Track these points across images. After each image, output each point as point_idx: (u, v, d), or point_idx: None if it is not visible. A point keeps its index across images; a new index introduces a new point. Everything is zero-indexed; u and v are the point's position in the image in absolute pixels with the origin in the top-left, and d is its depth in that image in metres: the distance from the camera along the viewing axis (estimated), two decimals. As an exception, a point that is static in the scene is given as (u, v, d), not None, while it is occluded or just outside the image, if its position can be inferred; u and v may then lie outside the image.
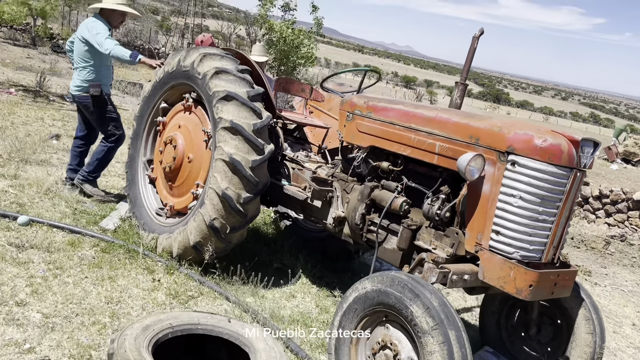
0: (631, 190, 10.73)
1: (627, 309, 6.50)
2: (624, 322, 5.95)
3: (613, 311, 6.23)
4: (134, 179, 4.92)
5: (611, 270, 8.28)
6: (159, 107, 4.79)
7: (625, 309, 6.46)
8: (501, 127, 3.15)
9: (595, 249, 9.21)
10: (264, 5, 13.53)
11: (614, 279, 7.81)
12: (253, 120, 4.00)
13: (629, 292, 7.29)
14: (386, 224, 3.78)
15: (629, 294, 7.20)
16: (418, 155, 3.59)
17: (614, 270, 8.37)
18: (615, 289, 7.29)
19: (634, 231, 10.47)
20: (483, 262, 3.12)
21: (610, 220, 10.73)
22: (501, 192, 3.07)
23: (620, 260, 9.03)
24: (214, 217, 3.97)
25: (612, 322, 5.83)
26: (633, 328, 5.85)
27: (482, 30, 4.11)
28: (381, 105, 3.92)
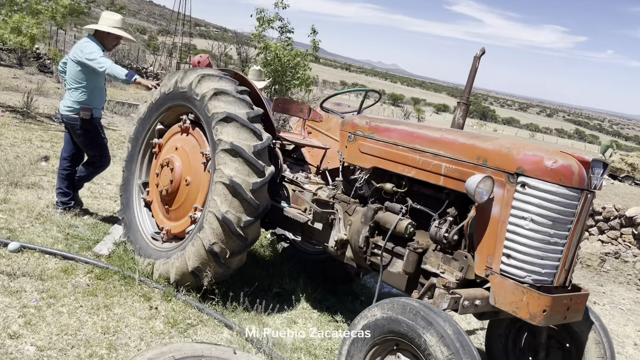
0: (623, 207, 10.77)
1: (628, 328, 6.45)
2: (625, 342, 5.89)
3: (614, 331, 6.17)
4: (129, 202, 4.79)
5: (608, 289, 8.24)
6: (154, 128, 4.70)
7: (626, 329, 6.40)
8: (510, 148, 3.10)
9: (591, 266, 9.19)
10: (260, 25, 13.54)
11: (611, 297, 7.77)
12: (253, 141, 3.91)
13: (627, 311, 7.24)
14: (391, 247, 3.70)
15: (627, 313, 7.15)
16: (423, 177, 3.53)
17: (611, 288, 8.34)
18: (614, 308, 7.25)
19: (628, 248, 10.48)
20: (494, 286, 3.04)
21: (604, 237, 10.74)
22: (511, 214, 3.01)
23: (616, 277, 9.01)
24: (214, 242, 3.86)
25: (614, 342, 5.76)
26: (635, 348, 5.79)
27: (483, 50, 4.08)
28: (384, 126, 3.86)
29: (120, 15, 5.37)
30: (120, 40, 5.45)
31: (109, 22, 5.23)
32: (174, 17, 39.76)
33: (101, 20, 5.27)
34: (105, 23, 5.22)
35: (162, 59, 37.39)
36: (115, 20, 5.26)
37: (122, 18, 5.33)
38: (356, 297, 5.07)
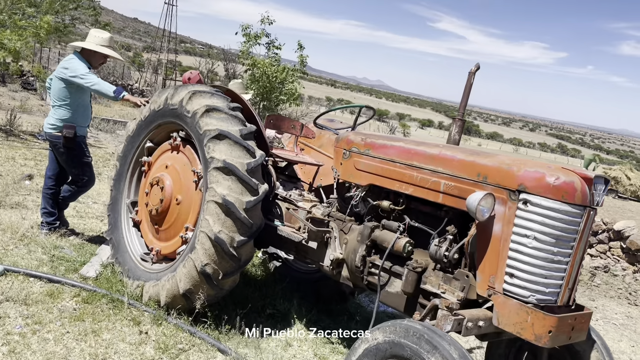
0: (611, 221, 10.81)
1: (622, 343, 6.41)
2: (621, 358, 5.84)
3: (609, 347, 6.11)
4: (117, 222, 4.66)
5: (600, 303, 8.22)
6: (144, 146, 4.59)
7: (620, 344, 6.36)
8: (510, 165, 3.05)
9: (582, 280, 9.18)
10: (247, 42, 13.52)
11: (603, 312, 7.74)
12: (246, 159, 3.83)
13: (620, 326, 7.21)
14: (389, 266, 3.61)
15: (621, 328, 7.12)
16: (421, 194, 3.46)
17: (602, 302, 8.32)
18: (607, 323, 7.22)
19: (617, 261, 10.50)
20: (497, 306, 2.97)
21: (593, 251, 10.76)
22: (514, 232, 2.94)
23: (607, 292, 9.01)
24: (206, 263, 3.74)
25: (610, 358, 5.70)
26: (631, 364, 5.74)
27: (477, 66, 4.06)
28: (380, 142, 3.80)
29: (109, 33, 5.27)
30: (107, 59, 5.34)
31: (96, 40, 5.13)
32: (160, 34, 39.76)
33: (89, 37, 5.17)
34: (93, 41, 5.12)
35: (147, 76, 37.26)
36: (103, 38, 5.16)
37: (110, 37, 5.23)
38: (351, 317, 4.96)
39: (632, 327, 7.30)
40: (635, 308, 8.57)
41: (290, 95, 13.31)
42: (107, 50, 5.14)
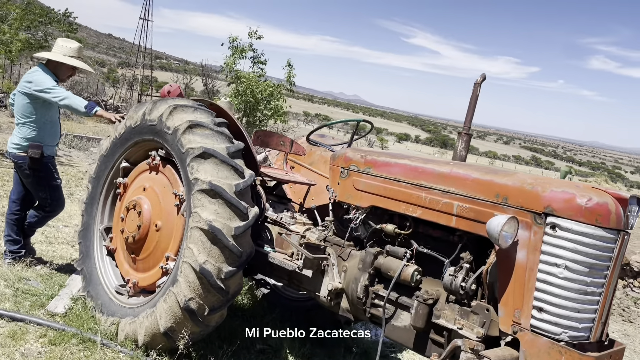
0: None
1: (626, 365, 6.13)
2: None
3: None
4: (89, 250, 4.21)
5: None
6: (119, 166, 4.16)
7: (625, 366, 6.08)
8: (534, 184, 2.73)
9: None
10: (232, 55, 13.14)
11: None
12: (235, 180, 3.44)
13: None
14: (394, 297, 3.26)
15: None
16: (431, 217, 3.12)
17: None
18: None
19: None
20: (525, 345, 2.62)
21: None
22: (541, 260, 2.62)
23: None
24: (190, 297, 3.33)
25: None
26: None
27: (483, 76, 3.77)
28: (382, 160, 3.46)
29: (78, 43, 4.83)
30: (75, 71, 4.91)
31: (63, 50, 4.68)
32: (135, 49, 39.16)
33: (55, 47, 4.72)
34: (59, 51, 4.67)
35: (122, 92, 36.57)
36: (70, 48, 4.71)
37: (79, 46, 4.79)
38: (349, 349, 4.58)
39: (631, 347, 7.07)
40: (630, 325, 8.36)
41: (275, 111, 12.96)
42: (75, 61, 4.70)
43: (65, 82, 5.00)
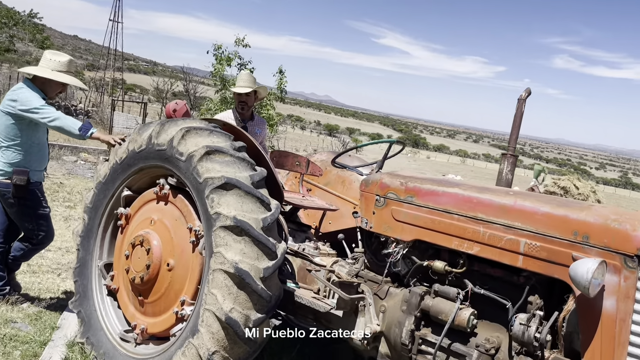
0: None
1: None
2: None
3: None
4: (87, 291, 3.72)
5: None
6: (120, 195, 3.69)
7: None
8: (620, 221, 2.40)
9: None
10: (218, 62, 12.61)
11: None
12: (261, 214, 3.02)
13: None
14: (447, 343, 2.89)
15: None
16: (491, 255, 2.77)
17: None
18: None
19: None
20: (618, 407, 2.29)
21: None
22: (635, 310, 2.29)
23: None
24: (214, 351, 2.90)
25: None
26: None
27: (529, 91, 3.46)
28: (427, 188, 3.09)
29: (67, 56, 4.31)
30: (66, 87, 4.39)
31: (51, 64, 4.15)
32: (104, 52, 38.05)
33: (43, 61, 4.18)
34: (47, 65, 4.14)
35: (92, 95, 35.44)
36: (59, 62, 4.18)
37: (70, 60, 4.26)
38: (374, 388, 4.18)
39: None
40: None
41: (268, 120, 12.47)
42: (65, 77, 4.18)
43: (54, 99, 4.46)
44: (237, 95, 4.96)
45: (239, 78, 5.07)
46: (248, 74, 5.12)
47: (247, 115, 4.99)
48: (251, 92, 4.92)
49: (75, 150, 15.39)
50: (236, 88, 4.95)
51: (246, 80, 4.97)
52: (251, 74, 5.08)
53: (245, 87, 4.90)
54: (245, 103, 4.92)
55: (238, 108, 4.98)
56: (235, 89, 4.94)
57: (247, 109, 4.97)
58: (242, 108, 4.95)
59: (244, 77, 5.02)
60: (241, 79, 5.03)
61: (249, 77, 5.02)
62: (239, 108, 4.98)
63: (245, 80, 4.98)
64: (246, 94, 4.90)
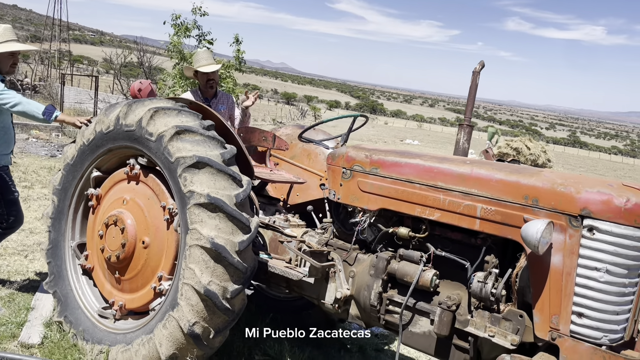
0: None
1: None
2: None
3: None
4: (61, 271, 3.77)
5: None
6: (89, 176, 3.72)
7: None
8: (566, 185, 2.64)
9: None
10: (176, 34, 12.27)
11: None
12: (234, 190, 3.14)
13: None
14: (412, 303, 3.12)
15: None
16: (451, 220, 2.99)
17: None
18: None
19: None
20: (565, 351, 2.56)
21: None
22: (579, 264, 2.55)
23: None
24: (194, 322, 3.05)
25: None
26: None
27: (482, 64, 3.65)
28: (390, 160, 3.27)
29: (3, 24, 4.13)
30: (17, 57, 4.26)
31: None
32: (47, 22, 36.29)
33: None
34: None
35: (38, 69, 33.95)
36: (1, 34, 4.03)
37: (7, 27, 4.09)
38: (345, 347, 4.45)
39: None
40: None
41: (229, 92, 12.32)
42: (12, 45, 4.02)
43: (13, 73, 4.31)
44: (203, 75, 4.85)
45: (200, 57, 4.94)
46: (206, 51, 5.06)
47: (211, 92, 4.94)
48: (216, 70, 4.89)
49: (26, 127, 14.89)
50: (203, 68, 4.82)
51: (208, 58, 4.92)
52: (209, 50, 5.01)
53: (212, 65, 4.85)
54: (213, 80, 4.86)
55: (207, 88, 4.89)
56: (203, 68, 4.82)
57: (215, 86, 4.96)
58: (212, 87, 4.87)
59: (205, 56, 4.96)
60: (202, 57, 4.93)
61: (209, 54, 4.99)
62: (207, 87, 4.88)
63: (207, 58, 4.92)
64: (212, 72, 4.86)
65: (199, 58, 4.92)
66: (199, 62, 4.86)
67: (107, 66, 42.94)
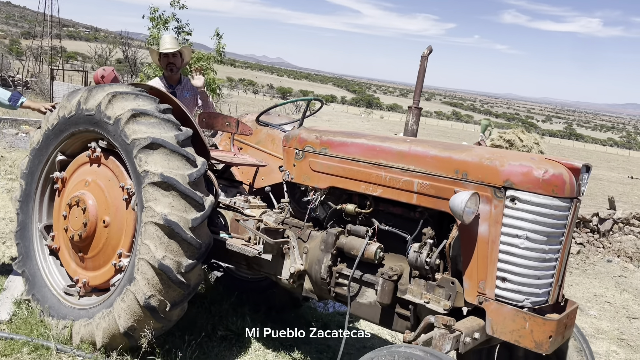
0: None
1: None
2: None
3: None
4: (29, 251, 3.94)
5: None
6: (54, 160, 3.88)
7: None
8: (492, 159, 2.80)
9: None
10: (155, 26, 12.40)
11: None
12: (187, 170, 3.30)
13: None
14: (359, 275, 3.29)
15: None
16: (391, 195, 3.15)
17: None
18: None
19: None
20: (490, 314, 2.74)
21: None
22: (503, 232, 2.72)
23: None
24: (150, 295, 3.21)
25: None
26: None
27: (430, 49, 3.79)
28: (338, 140, 3.43)
29: None
30: None
31: None
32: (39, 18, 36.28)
33: None
34: None
35: (29, 65, 34.00)
36: None
37: None
38: (308, 324, 4.61)
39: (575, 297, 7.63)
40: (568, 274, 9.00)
41: (207, 85, 12.46)
42: None
43: None
44: (164, 57, 4.93)
45: (163, 41, 5.05)
46: (171, 36, 5.18)
47: (175, 78, 5.02)
48: (177, 52, 4.94)
49: (15, 123, 15.00)
50: (161, 49, 4.93)
51: (170, 42, 5.01)
52: (174, 36, 5.13)
53: (171, 48, 4.94)
54: (174, 64, 4.94)
55: (167, 71, 4.97)
56: (161, 49, 4.92)
57: (176, 71, 4.99)
58: (171, 70, 4.93)
59: (168, 39, 5.06)
60: (165, 41, 5.03)
61: (172, 38, 5.09)
62: (167, 70, 4.96)
63: (169, 42, 5.01)
64: (172, 54, 4.90)
65: (163, 42, 5.02)
66: (162, 46, 4.97)
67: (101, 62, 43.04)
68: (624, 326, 6.44)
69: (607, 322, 6.48)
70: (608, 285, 8.27)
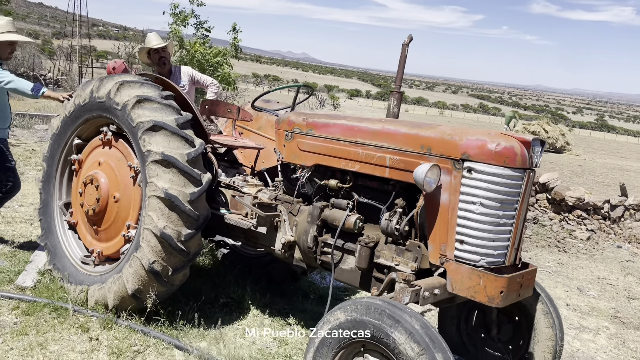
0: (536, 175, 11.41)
1: (557, 290, 6.83)
2: (558, 304, 6.22)
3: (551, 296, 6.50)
4: (50, 226, 4.39)
5: (533, 253, 8.71)
6: (72, 144, 4.32)
7: (556, 290, 6.78)
8: (452, 135, 3.10)
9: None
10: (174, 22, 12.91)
11: (537, 262, 8.21)
12: (186, 149, 3.69)
13: (554, 273, 7.68)
14: (341, 243, 3.63)
15: (554, 275, 7.59)
16: (368, 170, 3.48)
17: (535, 252, 8.81)
18: (542, 271, 7.66)
19: (544, 212, 11.14)
20: (450, 273, 3.05)
21: (523, 205, 11.31)
22: (461, 200, 3.02)
23: (538, 242, 9.55)
24: (154, 260, 3.61)
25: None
26: (568, 308, 6.14)
27: (410, 37, 4.09)
28: (322, 122, 3.77)
29: (6, 17, 4.79)
30: (15, 46, 4.90)
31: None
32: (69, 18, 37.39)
33: None
34: None
35: (60, 64, 35.10)
36: (1, 25, 4.68)
37: (10, 20, 4.74)
38: (306, 296, 4.97)
39: (564, 273, 7.81)
40: (565, 254, 9.16)
41: (223, 78, 12.92)
42: (11, 35, 4.68)
43: (10, 60, 4.95)
44: (154, 53, 5.45)
45: (149, 39, 5.56)
46: (154, 33, 5.76)
47: (166, 72, 5.50)
48: (165, 46, 5.49)
49: (46, 118, 15.73)
50: (152, 45, 5.44)
51: (156, 39, 5.54)
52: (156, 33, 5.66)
53: (159, 43, 5.46)
54: (165, 57, 5.50)
55: (159, 66, 5.48)
56: (152, 45, 5.43)
57: (168, 64, 5.53)
58: (164, 63, 5.48)
59: (153, 37, 5.58)
60: (152, 39, 5.55)
61: (157, 35, 5.64)
62: (160, 65, 5.48)
63: (155, 38, 5.54)
64: (162, 48, 5.44)
65: (150, 40, 5.55)
66: (151, 43, 5.49)
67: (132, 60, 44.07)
68: (622, 306, 6.62)
69: (605, 301, 6.67)
70: (614, 269, 8.40)
